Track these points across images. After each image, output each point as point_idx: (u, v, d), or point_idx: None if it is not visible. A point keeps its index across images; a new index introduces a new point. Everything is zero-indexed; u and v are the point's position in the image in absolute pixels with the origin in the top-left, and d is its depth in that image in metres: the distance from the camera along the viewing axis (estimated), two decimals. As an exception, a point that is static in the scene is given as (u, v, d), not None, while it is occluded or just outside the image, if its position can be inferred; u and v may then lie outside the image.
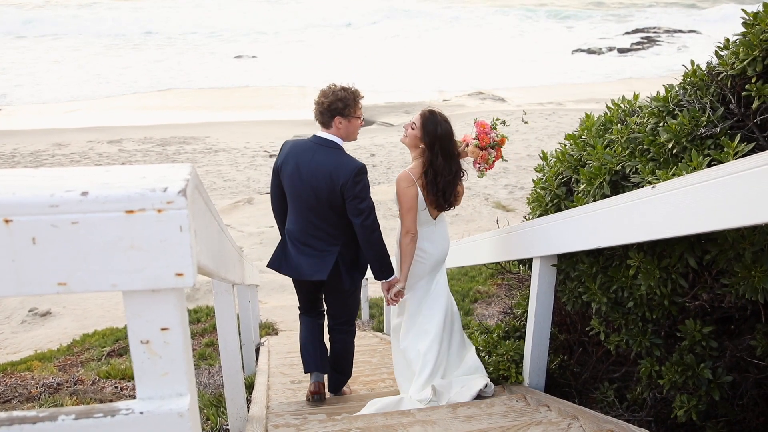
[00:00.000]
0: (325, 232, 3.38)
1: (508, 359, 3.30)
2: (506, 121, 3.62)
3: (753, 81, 2.17)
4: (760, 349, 2.13)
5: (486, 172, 3.57)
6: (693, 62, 2.58)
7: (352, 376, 3.92)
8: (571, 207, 2.79)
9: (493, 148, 3.52)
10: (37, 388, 4.72)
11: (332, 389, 3.82)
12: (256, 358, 5.34)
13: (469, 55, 40.90)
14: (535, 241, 3.04)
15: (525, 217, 3.71)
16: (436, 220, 3.49)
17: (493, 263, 4.64)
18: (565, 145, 3.28)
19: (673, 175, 2.12)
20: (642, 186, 2.29)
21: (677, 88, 2.57)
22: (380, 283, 3.50)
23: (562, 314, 3.37)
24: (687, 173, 2.04)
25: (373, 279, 3.76)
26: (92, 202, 0.83)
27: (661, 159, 2.37)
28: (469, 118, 3.92)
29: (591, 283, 2.71)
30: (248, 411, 3.19)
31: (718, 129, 2.22)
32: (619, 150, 2.63)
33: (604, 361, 3.04)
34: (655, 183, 2.08)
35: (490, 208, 14.79)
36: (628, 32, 46.59)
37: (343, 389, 3.88)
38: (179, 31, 47.57)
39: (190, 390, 0.93)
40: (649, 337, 2.51)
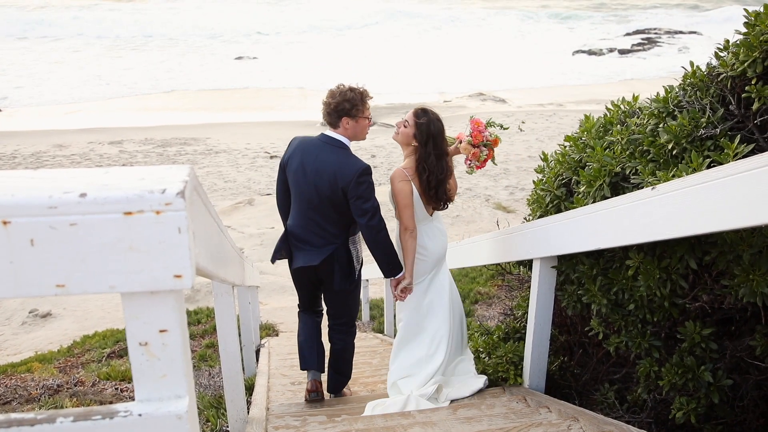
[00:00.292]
0: (325, 230, 3.39)
1: (508, 361, 3.29)
2: (504, 125, 3.63)
3: (753, 82, 2.17)
4: (760, 350, 2.12)
5: (476, 170, 3.60)
6: (692, 63, 2.58)
7: (352, 377, 3.92)
8: (571, 208, 2.78)
9: (485, 147, 3.54)
10: (37, 389, 4.72)
11: (332, 390, 3.82)
12: (257, 360, 5.34)
13: (470, 56, 40.93)
14: (535, 242, 3.04)
15: (525, 219, 3.71)
16: (433, 217, 3.53)
17: (493, 264, 4.64)
18: (565, 147, 3.28)
19: (673, 177, 2.12)
20: (642, 187, 2.28)
21: (677, 90, 2.57)
22: (382, 283, 3.52)
23: (562, 316, 3.36)
24: (687, 174, 2.04)
25: (374, 281, 3.77)
26: (91, 204, 0.82)
27: (661, 160, 2.37)
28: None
29: (591, 285, 2.71)
30: (248, 412, 3.19)
31: (718, 130, 2.21)
32: (619, 151, 2.63)
33: (604, 363, 3.03)
34: (655, 184, 2.08)
35: (491, 209, 14.79)
36: (628, 33, 46.61)
37: (344, 391, 3.88)
38: (180, 33, 47.65)
39: (189, 392, 0.93)
40: (648, 338, 2.51)
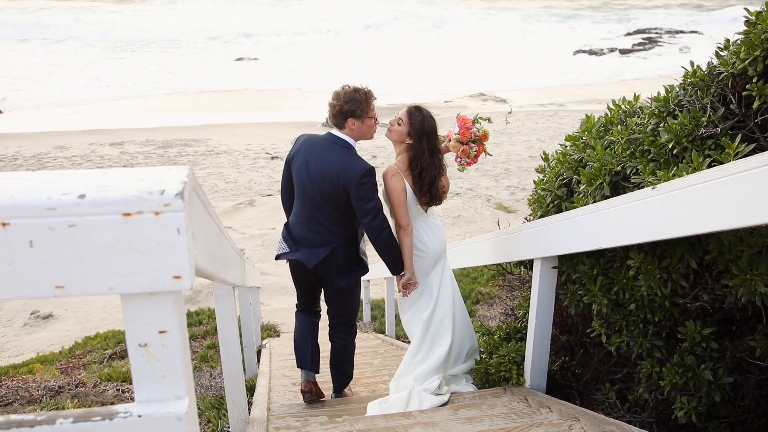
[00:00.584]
0: (326, 228, 3.40)
1: (510, 361, 3.29)
2: (491, 119, 3.66)
3: (754, 81, 2.16)
4: (760, 350, 2.12)
5: (467, 167, 3.61)
6: (693, 63, 2.57)
7: (353, 377, 3.92)
8: (571, 208, 2.78)
9: (474, 143, 3.55)
10: (38, 391, 4.73)
11: (334, 390, 3.82)
12: (258, 360, 5.34)
13: (471, 57, 40.94)
14: (535, 242, 3.03)
15: (526, 218, 3.71)
16: (428, 213, 3.54)
17: (494, 264, 4.64)
18: (566, 147, 3.27)
19: (674, 176, 2.12)
20: (642, 187, 2.28)
21: (678, 89, 2.56)
22: (383, 284, 3.54)
23: (563, 316, 3.36)
24: (687, 174, 2.03)
25: (375, 281, 3.78)
26: (89, 205, 0.82)
27: (662, 159, 2.37)
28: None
29: (592, 285, 2.70)
30: (249, 413, 3.19)
31: (719, 129, 2.21)
32: (620, 151, 2.63)
33: (605, 363, 3.03)
34: (656, 184, 2.07)
35: (492, 209, 14.78)
36: (629, 33, 46.60)
37: (345, 391, 3.88)
38: (180, 34, 47.71)
39: (189, 393, 0.92)
40: (649, 338, 2.51)
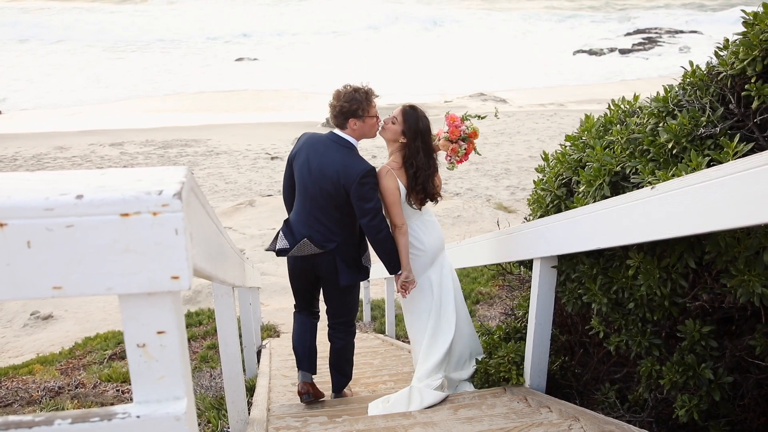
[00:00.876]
0: (325, 227, 3.40)
1: (509, 360, 3.29)
2: (480, 116, 3.65)
3: (753, 81, 2.16)
4: (759, 349, 2.12)
5: (458, 165, 3.60)
6: (692, 63, 2.57)
7: (353, 378, 3.92)
8: (571, 208, 2.78)
9: (464, 141, 3.54)
10: (38, 391, 4.73)
11: (334, 390, 3.82)
12: (258, 361, 5.34)
13: (471, 57, 40.95)
14: (535, 242, 3.03)
15: (526, 218, 3.71)
16: (422, 211, 3.52)
17: (494, 264, 4.64)
18: (566, 147, 3.27)
19: (673, 176, 2.12)
20: (642, 187, 2.28)
21: (677, 89, 2.56)
22: (383, 284, 3.53)
23: (563, 315, 3.36)
24: (687, 173, 2.03)
25: (375, 281, 3.78)
26: (87, 206, 0.82)
27: (661, 159, 2.37)
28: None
29: (591, 284, 2.71)
30: (249, 413, 3.19)
31: (718, 129, 2.21)
32: (619, 151, 2.63)
33: (605, 362, 3.03)
34: (655, 183, 2.07)
35: (492, 209, 14.78)
36: (629, 33, 46.62)
37: (344, 391, 3.88)
38: (180, 35, 47.73)
39: (187, 393, 0.92)
40: (648, 337, 2.51)
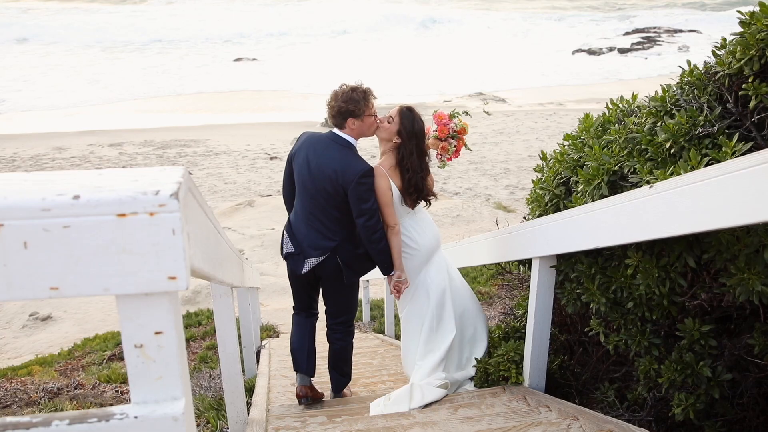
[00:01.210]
0: (325, 226, 3.40)
1: (509, 360, 3.29)
2: (468, 112, 3.67)
3: (750, 80, 2.16)
4: (758, 348, 2.12)
5: (448, 163, 3.60)
6: (689, 62, 2.58)
7: (352, 378, 3.92)
8: (570, 207, 2.78)
9: (453, 138, 3.55)
10: (37, 392, 4.72)
11: (334, 390, 3.82)
12: (257, 361, 5.33)
13: (470, 56, 40.95)
14: (533, 241, 3.04)
15: (525, 218, 3.71)
16: (415, 210, 3.52)
17: (493, 264, 4.64)
18: (564, 146, 3.28)
19: (671, 175, 2.12)
20: (640, 186, 2.28)
21: (675, 88, 2.57)
22: (382, 284, 3.53)
23: (562, 315, 3.36)
24: (685, 173, 2.03)
25: (374, 281, 3.77)
26: (84, 206, 0.82)
27: (659, 159, 2.37)
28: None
29: (590, 284, 2.71)
30: (248, 414, 3.19)
31: (716, 128, 2.21)
32: (617, 150, 2.63)
33: (604, 361, 3.03)
34: (653, 183, 2.07)
35: (491, 209, 14.79)
36: (628, 32, 46.64)
37: (344, 391, 3.88)
38: (179, 35, 47.70)
39: (185, 393, 0.92)
40: (647, 336, 2.51)
